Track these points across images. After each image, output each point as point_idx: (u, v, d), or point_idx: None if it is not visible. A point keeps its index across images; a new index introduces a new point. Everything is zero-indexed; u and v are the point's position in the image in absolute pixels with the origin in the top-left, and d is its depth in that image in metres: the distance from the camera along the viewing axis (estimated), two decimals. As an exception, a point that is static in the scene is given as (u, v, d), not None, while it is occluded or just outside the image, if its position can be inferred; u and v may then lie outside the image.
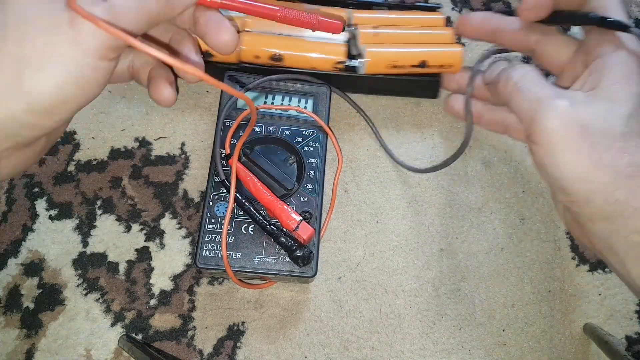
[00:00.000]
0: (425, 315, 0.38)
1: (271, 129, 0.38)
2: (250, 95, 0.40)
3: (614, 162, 0.27)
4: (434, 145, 0.43)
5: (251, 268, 0.34)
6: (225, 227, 0.34)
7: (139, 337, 0.37)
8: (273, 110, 0.39)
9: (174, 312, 0.37)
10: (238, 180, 0.36)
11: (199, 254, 0.34)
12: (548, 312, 0.38)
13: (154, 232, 0.40)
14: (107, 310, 0.37)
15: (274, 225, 0.34)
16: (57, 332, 0.37)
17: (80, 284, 0.38)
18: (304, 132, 0.39)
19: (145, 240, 0.39)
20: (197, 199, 0.41)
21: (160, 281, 0.38)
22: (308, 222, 0.35)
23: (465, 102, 0.39)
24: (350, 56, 0.41)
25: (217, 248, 0.35)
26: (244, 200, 0.34)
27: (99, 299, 0.38)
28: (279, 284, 0.38)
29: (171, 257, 0.39)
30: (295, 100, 0.40)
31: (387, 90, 0.44)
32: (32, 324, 0.37)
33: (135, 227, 0.40)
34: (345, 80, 0.41)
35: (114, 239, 0.39)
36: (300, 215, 0.35)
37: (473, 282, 0.39)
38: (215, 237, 0.35)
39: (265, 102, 0.40)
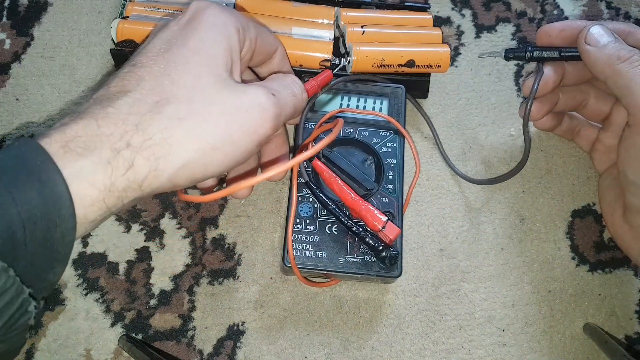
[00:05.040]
0: (425, 315, 0.38)
1: (349, 130, 0.39)
2: (325, 97, 0.41)
3: None
4: (434, 144, 0.43)
5: (337, 268, 0.35)
6: (291, 224, 0.35)
7: (139, 337, 0.37)
8: (350, 113, 0.40)
9: (174, 312, 0.37)
10: (320, 180, 0.37)
11: (286, 253, 0.35)
12: (548, 312, 0.38)
13: (154, 232, 0.39)
14: (107, 310, 0.37)
15: (359, 225, 0.35)
16: (57, 332, 0.37)
17: (80, 284, 0.38)
18: (381, 133, 0.39)
19: (145, 240, 0.39)
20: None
21: (160, 281, 0.38)
22: (392, 223, 0.35)
23: (524, 122, 0.38)
24: (338, 54, 0.41)
25: (303, 247, 0.35)
26: (328, 202, 0.35)
27: (99, 299, 0.38)
28: (279, 286, 0.38)
29: (171, 257, 0.39)
30: (370, 101, 0.41)
31: None
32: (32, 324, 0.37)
33: (135, 227, 0.40)
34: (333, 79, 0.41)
35: (114, 239, 0.39)
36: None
37: (473, 282, 0.39)
38: (301, 236, 0.36)
39: (341, 105, 0.41)
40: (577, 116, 0.42)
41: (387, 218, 0.34)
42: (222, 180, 0.40)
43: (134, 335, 0.37)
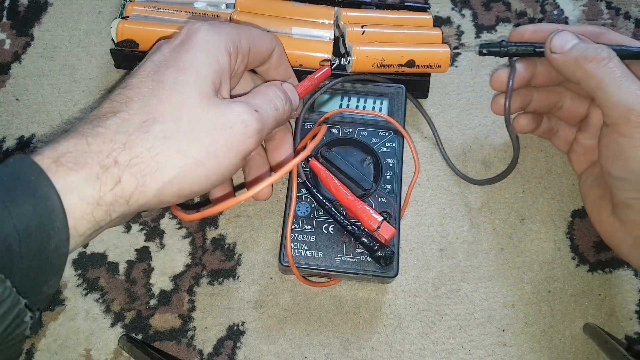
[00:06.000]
0: (425, 316, 0.38)
1: (347, 130, 0.39)
2: (324, 97, 0.41)
3: None
4: (434, 144, 0.43)
5: (333, 267, 0.35)
6: (290, 223, 0.35)
7: (139, 337, 0.37)
8: (349, 113, 0.40)
9: (174, 312, 0.37)
10: (318, 180, 0.37)
11: (284, 251, 0.35)
12: (548, 312, 0.38)
13: (154, 232, 0.40)
14: (107, 310, 0.37)
15: (354, 225, 0.35)
16: (57, 332, 0.37)
17: (80, 284, 0.38)
18: (380, 133, 0.39)
19: (145, 240, 0.39)
20: (197, 199, 0.41)
21: (160, 281, 0.38)
22: (388, 223, 0.35)
23: (506, 121, 0.38)
24: (338, 54, 0.41)
25: (300, 247, 0.36)
26: (324, 201, 0.35)
27: (99, 299, 0.38)
28: (279, 286, 0.38)
29: (171, 257, 0.39)
30: (370, 101, 0.41)
31: None
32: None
33: (135, 227, 0.40)
34: (333, 79, 0.41)
35: (114, 239, 0.39)
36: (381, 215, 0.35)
37: (473, 282, 0.39)
38: (297, 236, 0.36)
39: (340, 105, 0.41)
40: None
41: (382, 218, 0.34)
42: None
43: (134, 335, 0.37)
